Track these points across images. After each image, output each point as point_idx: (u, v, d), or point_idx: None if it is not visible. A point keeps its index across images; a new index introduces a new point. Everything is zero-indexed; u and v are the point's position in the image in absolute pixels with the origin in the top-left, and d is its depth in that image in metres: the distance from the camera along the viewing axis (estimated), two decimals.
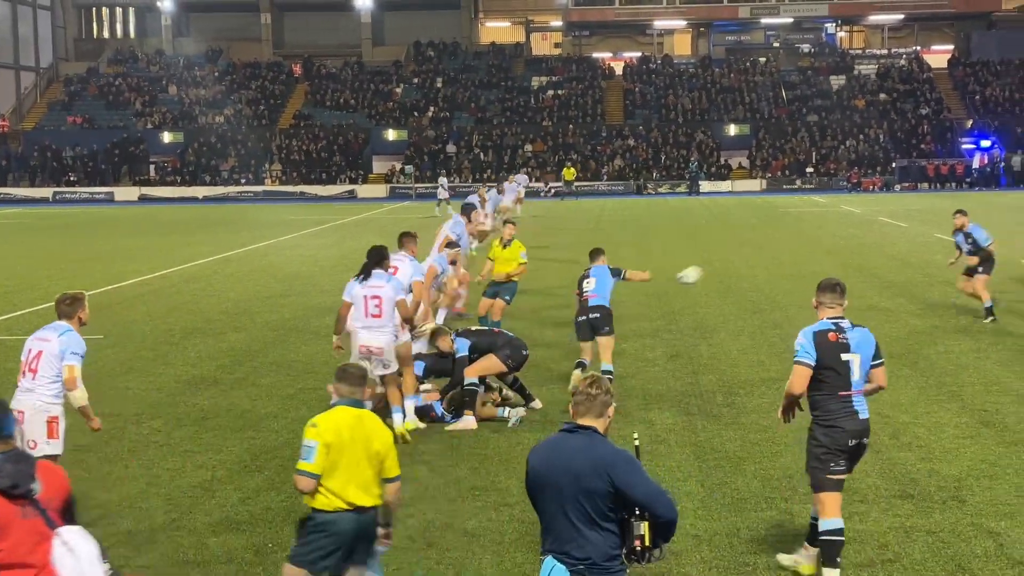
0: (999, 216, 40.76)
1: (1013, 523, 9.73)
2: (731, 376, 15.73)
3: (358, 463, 7.30)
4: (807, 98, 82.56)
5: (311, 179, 77.29)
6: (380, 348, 12.51)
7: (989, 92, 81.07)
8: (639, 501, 6.04)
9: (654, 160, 77.02)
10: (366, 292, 12.52)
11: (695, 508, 10.26)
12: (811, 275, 26.29)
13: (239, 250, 36.01)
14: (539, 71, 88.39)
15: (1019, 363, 16.20)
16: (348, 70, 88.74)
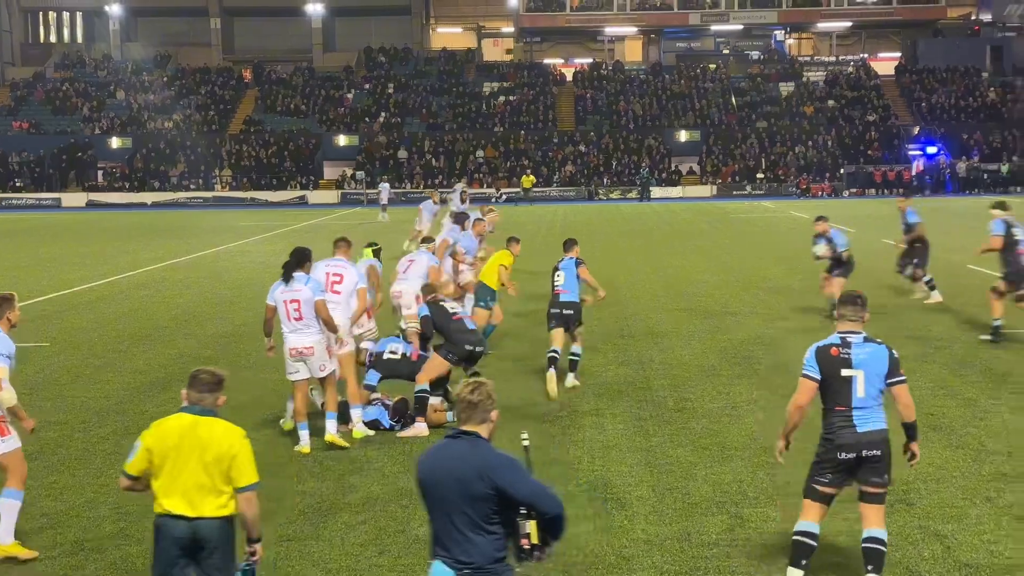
0: (945, 221, 41.17)
1: (960, 526, 9.84)
2: (682, 381, 15.79)
3: (184, 470, 7.04)
4: (756, 105, 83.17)
5: (261, 185, 76.87)
6: (310, 347, 12.56)
7: (935, 99, 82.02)
8: (523, 500, 6.16)
9: (605, 166, 77.28)
10: (286, 297, 12.59)
11: (646, 513, 10.29)
12: (761, 281, 26.57)
13: (188, 256, 35.76)
14: (490, 77, 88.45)
15: (966, 368, 16.38)
16: (299, 76, 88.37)
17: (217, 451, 7.07)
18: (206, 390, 7.31)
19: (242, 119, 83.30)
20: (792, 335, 19.40)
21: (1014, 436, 12.63)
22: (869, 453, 8.47)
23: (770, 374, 16.17)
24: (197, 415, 7.23)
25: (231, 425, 7.23)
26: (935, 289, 22.86)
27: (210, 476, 7.06)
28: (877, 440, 8.47)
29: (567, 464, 11.86)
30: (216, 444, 7.09)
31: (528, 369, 16.63)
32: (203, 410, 7.26)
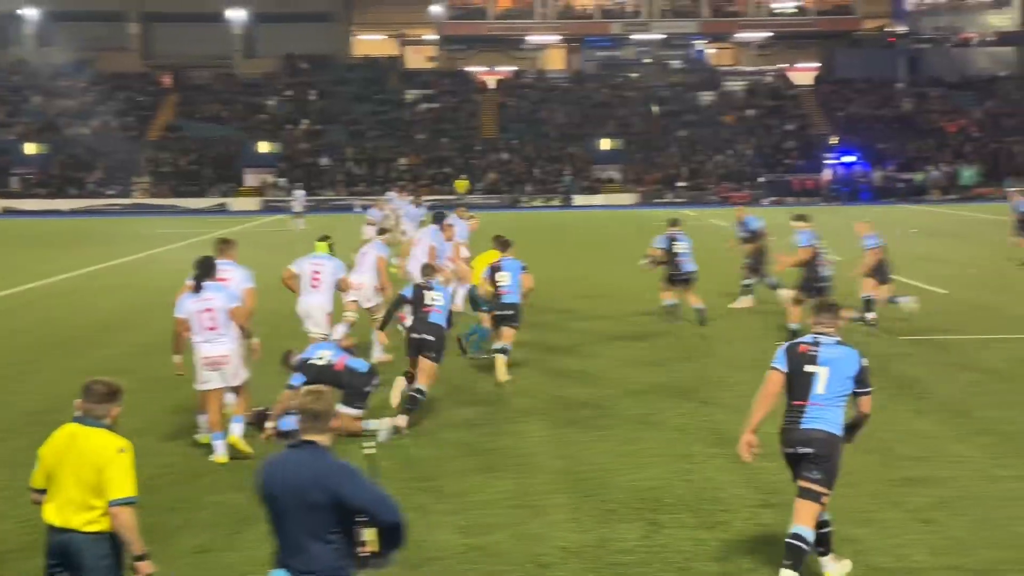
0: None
1: (871, 530, 10.03)
2: (601, 388, 15.91)
3: (63, 482, 6.98)
4: (677, 113, 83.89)
5: (181, 192, 75.99)
6: (225, 356, 12.53)
7: (852, 109, 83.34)
8: (361, 508, 6.29)
9: (528, 174, 77.48)
10: (199, 306, 12.52)
11: (564, 520, 10.37)
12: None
13: (106, 264, 35.30)
14: (413, 84, 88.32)
15: (876, 374, 16.54)
16: (219, 82, 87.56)
17: (90, 462, 6.95)
18: (95, 401, 7.19)
19: (162, 125, 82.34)
20: (711, 342, 19.64)
21: (922, 441, 12.91)
22: (804, 450, 8.75)
23: (689, 382, 16.35)
24: (82, 425, 7.12)
25: (111, 436, 7.07)
26: (750, 295, 23.72)
27: (81, 488, 6.94)
28: (814, 439, 8.70)
29: (485, 472, 11.90)
30: (90, 455, 6.97)
31: (447, 377, 16.66)
32: (90, 421, 7.13)
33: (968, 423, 13.70)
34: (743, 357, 18.03)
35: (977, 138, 79.63)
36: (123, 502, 6.91)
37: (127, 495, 6.92)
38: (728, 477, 11.59)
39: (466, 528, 10.20)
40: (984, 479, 11.41)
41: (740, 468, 11.82)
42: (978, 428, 13.45)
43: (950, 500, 10.78)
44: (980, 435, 13.14)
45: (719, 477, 11.61)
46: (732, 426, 13.64)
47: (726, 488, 11.22)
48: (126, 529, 6.94)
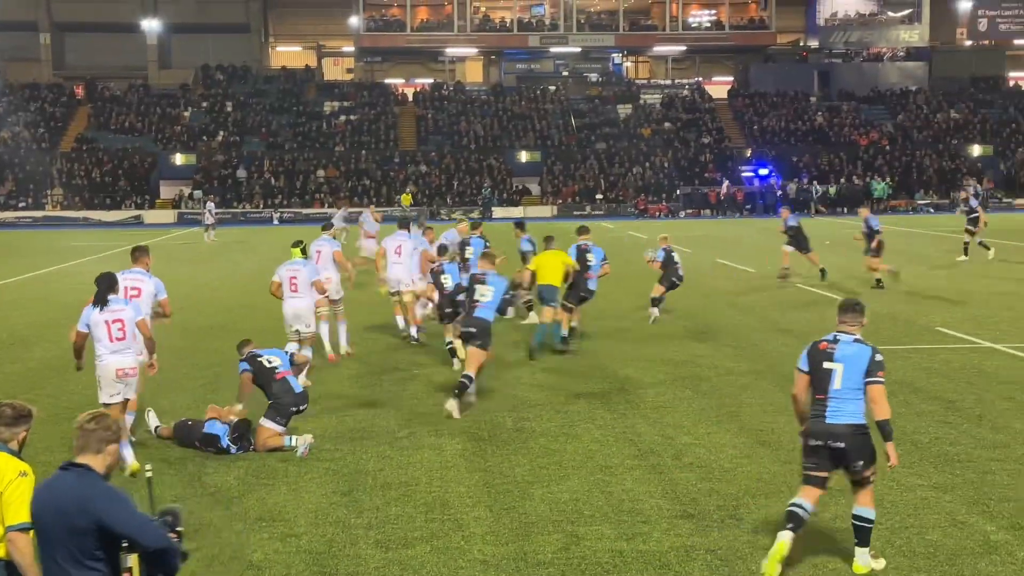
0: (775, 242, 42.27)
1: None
2: (520, 402, 15.91)
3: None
4: (595, 126, 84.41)
5: (95, 204, 74.87)
6: (133, 368, 12.68)
7: (766, 122, 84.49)
8: (124, 534, 6.21)
9: (447, 186, 77.44)
10: (107, 317, 12.55)
11: (483, 533, 10.33)
12: (602, 301, 26.82)
13: (16, 278, 34.63)
14: (331, 96, 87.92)
15: (792, 383, 16.82)
16: (134, 93, 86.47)
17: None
18: (2, 424, 6.97)
19: (74, 136, 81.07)
20: (628, 355, 19.71)
21: None
22: (835, 445, 9.41)
23: (606, 393, 16.40)
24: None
25: (12, 460, 6.83)
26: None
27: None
28: (842, 433, 9.37)
29: (405, 485, 11.84)
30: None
31: (370, 393, 16.57)
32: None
33: None
34: (658, 367, 18.14)
35: (888, 151, 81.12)
36: (18, 528, 6.61)
37: (21, 521, 6.60)
38: (647, 488, 11.64)
39: (384, 543, 10.13)
40: (898, 488, 11.57)
41: (659, 479, 11.92)
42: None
43: None
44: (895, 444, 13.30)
45: (638, 488, 11.65)
46: (650, 437, 13.75)
47: (645, 499, 11.25)
48: (20, 555, 6.64)
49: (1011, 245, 42.05)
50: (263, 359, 13.80)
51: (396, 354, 20.01)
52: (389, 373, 18.10)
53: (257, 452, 13.20)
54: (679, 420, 14.64)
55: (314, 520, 10.75)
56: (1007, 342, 20.29)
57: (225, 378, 17.38)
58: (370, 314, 24.06)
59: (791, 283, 29.97)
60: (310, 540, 10.21)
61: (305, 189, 75.79)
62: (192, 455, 13.16)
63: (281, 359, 13.98)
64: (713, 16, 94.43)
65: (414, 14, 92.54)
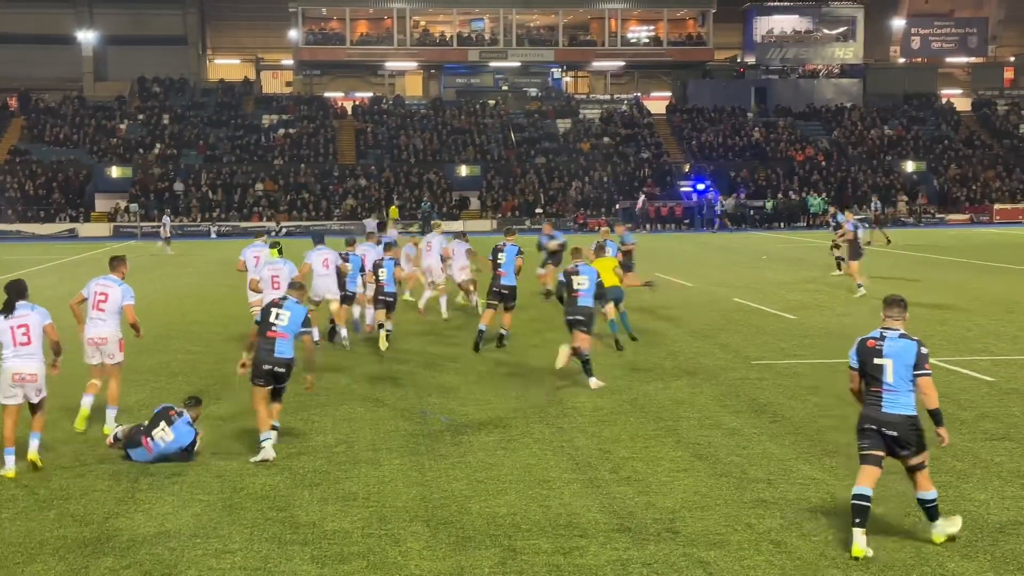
0: (711, 256, 42.61)
1: (723, 552, 10.16)
2: (459, 415, 15.87)
3: None
4: (535, 140, 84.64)
5: (28, 217, 73.86)
6: (34, 374, 12.98)
7: (704, 137, 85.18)
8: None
9: (387, 199, 77.22)
10: (12, 323, 12.98)
11: (420, 548, 10.28)
12: (540, 313, 26.87)
13: None
14: (270, 109, 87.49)
15: (731, 398, 16.97)
16: (68, 105, 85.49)
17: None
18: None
19: (7, 149, 79.96)
20: (565, 368, 19.74)
21: (774, 463, 13.15)
22: (889, 433, 10.19)
23: (544, 407, 16.41)
24: None
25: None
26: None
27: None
28: (896, 423, 10.17)
29: (342, 500, 11.76)
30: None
31: (299, 407, 16.46)
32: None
33: (817, 445, 14.01)
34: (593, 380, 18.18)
35: (824, 167, 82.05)
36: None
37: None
38: (584, 502, 11.65)
39: (320, 558, 10.05)
40: (832, 500, 11.66)
41: (596, 493, 11.94)
42: (827, 450, 13.76)
43: (799, 522, 10.99)
44: (828, 457, 13.44)
45: (576, 502, 11.65)
46: (588, 451, 13.78)
47: (582, 513, 11.26)
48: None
49: (944, 260, 42.67)
50: (274, 312, 13.97)
51: (332, 362, 19.88)
52: (325, 388, 17.98)
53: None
54: (617, 434, 14.67)
55: (249, 536, 10.64)
56: (939, 356, 20.51)
57: (160, 393, 17.21)
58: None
59: (725, 298, 30.15)
60: (245, 556, 10.11)
61: (243, 202, 75.27)
62: (125, 473, 12.98)
63: (292, 313, 13.90)
64: (651, 32, 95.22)
65: (353, 28, 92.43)
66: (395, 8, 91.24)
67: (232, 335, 23.26)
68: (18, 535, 10.76)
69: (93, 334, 14.88)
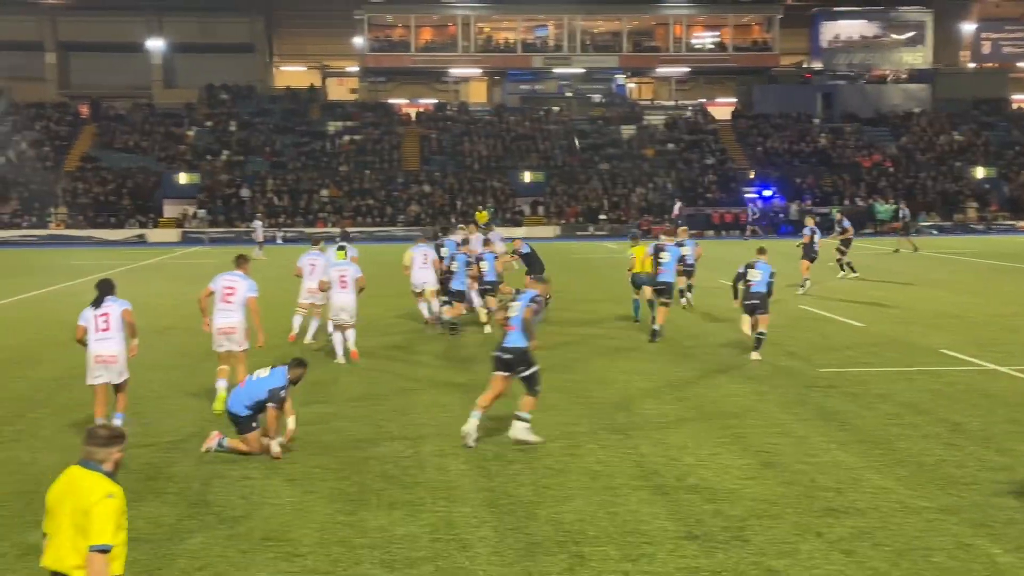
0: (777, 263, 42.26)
1: (792, 561, 10.08)
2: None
3: (59, 526, 6.86)
4: (599, 147, 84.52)
5: (98, 223, 74.93)
6: (113, 356, 14.72)
7: (769, 144, 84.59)
8: None
9: (450, 206, 77.47)
10: (97, 313, 14.77)
11: (488, 554, 10.31)
12: (603, 321, 26.86)
13: (22, 296, 34.66)
14: (335, 116, 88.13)
15: (798, 406, 16.85)
16: (138, 112, 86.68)
17: (80, 505, 6.81)
18: (96, 444, 7.06)
19: (78, 155, 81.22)
20: (632, 374, 19.71)
21: (843, 472, 13.03)
22: None
23: (610, 413, 16.38)
24: (80, 468, 7.00)
25: (102, 480, 6.91)
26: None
27: (72, 531, 6.81)
28: None
29: (410, 505, 11.82)
30: (81, 498, 6.82)
31: (373, 414, 16.56)
32: (91, 464, 7.00)
33: (888, 454, 13.87)
34: (661, 388, 18.11)
35: (891, 173, 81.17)
36: (98, 549, 6.72)
37: (103, 542, 6.73)
38: (651, 510, 11.62)
39: (389, 562, 10.11)
40: (904, 510, 11.54)
41: (664, 500, 11.90)
42: (897, 459, 13.62)
43: (871, 531, 10.88)
44: (899, 466, 13.30)
45: (643, 509, 11.63)
46: (654, 458, 13.74)
47: (650, 520, 11.23)
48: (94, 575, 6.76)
49: (1013, 268, 42.06)
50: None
51: (399, 372, 19.99)
52: (394, 393, 18.08)
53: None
54: (683, 441, 14.62)
55: (319, 540, 10.73)
56: (1012, 364, 20.27)
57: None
58: (380, 335, 24.09)
59: (791, 304, 29.92)
60: (315, 560, 10.19)
61: (309, 208, 75.85)
62: (196, 476, 13.14)
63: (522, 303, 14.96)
64: (716, 38, 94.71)
65: (418, 35, 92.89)
66: (460, 15, 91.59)
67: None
68: None
69: (222, 324, 16.67)
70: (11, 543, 10.73)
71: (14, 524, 11.33)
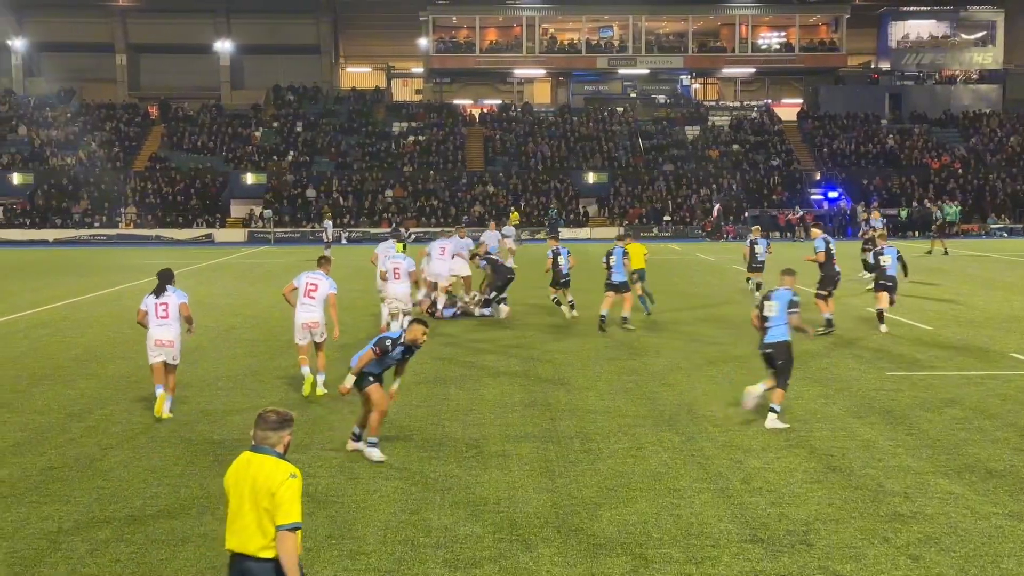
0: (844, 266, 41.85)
1: (858, 566, 9.99)
2: (588, 422, 15.87)
3: (239, 508, 7.08)
4: (663, 147, 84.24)
5: (167, 223, 75.94)
6: (170, 341, 16.45)
7: (836, 145, 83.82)
8: None
9: (514, 206, 77.60)
10: (157, 301, 16.66)
11: (551, 554, 10.31)
12: (668, 322, 26.78)
13: (91, 295, 35.18)
14: (400, 117, 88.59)
15: (864, 409, 16.68)
16: (206, 113, 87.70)
17: (262, 487, 7.03)
18: (269, 428, 7.26)
19: (148, 156, 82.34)
20: (695, 375, 19.63)
21: (911, 477, 12.89)
22: None
23: (674, 415, 16.32)
24: (254, 453, 7.22)
25: (281, 462, 7.13)
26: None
27: (256, 513, 7.03)
28: None
29: (473, 505, 11.85)
30: (262, 480, 7.05)
31: (432, 413, 16.62)
32: (264, 448, 7.22)
33: (956, 459, 13.70)
34: (724, 390, 18.01)
35: (960, 175, 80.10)
36: (286, 527, 6.96)
37: (293, 520, 6.97)
38: (716, 512, 11.57)
39: (452, 562, 10.15)
40: (972, 515, 11.40)
41: (728, 503, 11.83)
42: (965, 464, 13.45)
43: (938, 536, 10.76)
44: (967, 471, 13.14)
45: (707, 512, 11.58)
46: (719, 460, 13.67)
47: (714, 523, 11.18)
48: (286, 555, 6.96)
49: None
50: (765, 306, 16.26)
51: (462, 370, 20.05)
52: (457, 391, 18.15)
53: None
54: (747, 443, 14.53)
55: (383, 538, 10.79)
56: None
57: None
58: (433, 334, 24.18)
59: (857, 308, 29.61)
60: (379, 558, 10.25)
61: (373, 209, 76.31)
62: None
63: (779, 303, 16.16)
64: (783, 38, 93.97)
65: (483, 36, 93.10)
66: (524, 16, 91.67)
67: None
68: (162, 532, 11.07)
69: (306, 319, 18.12)
70: (82, 538, 10.90)
71: (83, 519, 11.50)
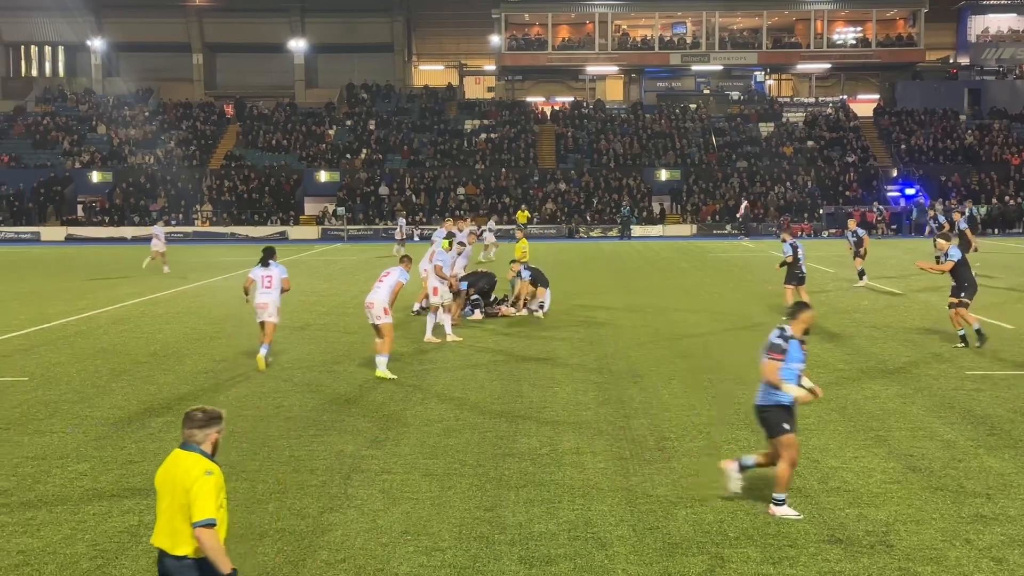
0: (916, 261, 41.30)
1: (939, 568, 9.82)
2: (662, 421, 15.77)
3: (167, 506, 7.14)
4: (737, 144, 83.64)
5: (242, 220, 76.79)
6: (267, 304, 20.33)
7: (913, 141, 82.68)
8: None
9: (586, 204, 77.51)
10: (263, 273, 20.53)
11: (627, 553, 10.25)
12: (742, 320, 26.59)
13: (168, 291, 35.63)
14: (472, 114, 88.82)
15: (944, 409, 16.41)
16: (280, 111, 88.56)
17: (181, 485, 7.10)
18: (195, 426, 7.33)
19: (223, 154, 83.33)
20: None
21: (992, 478, 12.66)
22: None
23: (750, 413, 16.15)
24: (180, 451, 7.29)
25: (201, 459, 7.20)
26: None
27: (180, 511, 7.09)
28: None
29: (547, 503, 11.82)
30: (181, 478, 7.12)
31: (507, 409, 16.61)
32: (190, 446, 7.29)
33: None
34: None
35: None
36: (203, 524, 7.00)
37: (207, 517, 7.00)
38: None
39: (528, 559, 10.12)
40: None
41: (805, 503, 11.69)
42: None
43: (1022, 539, 10.54)
44: None
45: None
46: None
47: (791, 523, 11.04)
48: (209, 550, 7.00)
49: None
50: None
51: (535, 370, 20.04)
52: (532, 388, 18.13)
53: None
54: (825, 443, 14.36)
55: (458, 535, 10.79)
56: None
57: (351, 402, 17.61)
58: (507, 332, 24.16)
59: (936, 306, 29.17)
60: (455, 555, 10.25)
61: (445, 206, 76.61)
62: (337, 469, 13.33)
63: None
64: (859, 33, 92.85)
65: (555, 33, 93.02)
66: (597, 13, 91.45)
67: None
68: (240, 527, 11.14)
69: (367, 299, 19.85)
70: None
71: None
